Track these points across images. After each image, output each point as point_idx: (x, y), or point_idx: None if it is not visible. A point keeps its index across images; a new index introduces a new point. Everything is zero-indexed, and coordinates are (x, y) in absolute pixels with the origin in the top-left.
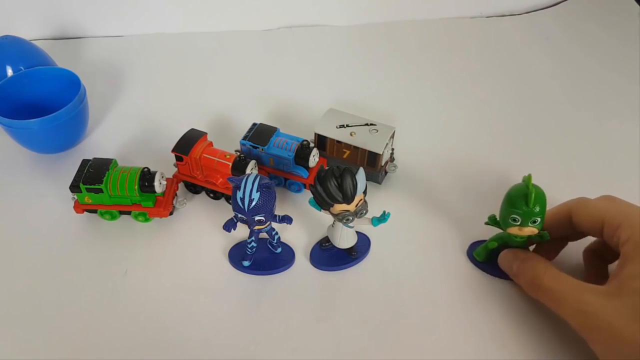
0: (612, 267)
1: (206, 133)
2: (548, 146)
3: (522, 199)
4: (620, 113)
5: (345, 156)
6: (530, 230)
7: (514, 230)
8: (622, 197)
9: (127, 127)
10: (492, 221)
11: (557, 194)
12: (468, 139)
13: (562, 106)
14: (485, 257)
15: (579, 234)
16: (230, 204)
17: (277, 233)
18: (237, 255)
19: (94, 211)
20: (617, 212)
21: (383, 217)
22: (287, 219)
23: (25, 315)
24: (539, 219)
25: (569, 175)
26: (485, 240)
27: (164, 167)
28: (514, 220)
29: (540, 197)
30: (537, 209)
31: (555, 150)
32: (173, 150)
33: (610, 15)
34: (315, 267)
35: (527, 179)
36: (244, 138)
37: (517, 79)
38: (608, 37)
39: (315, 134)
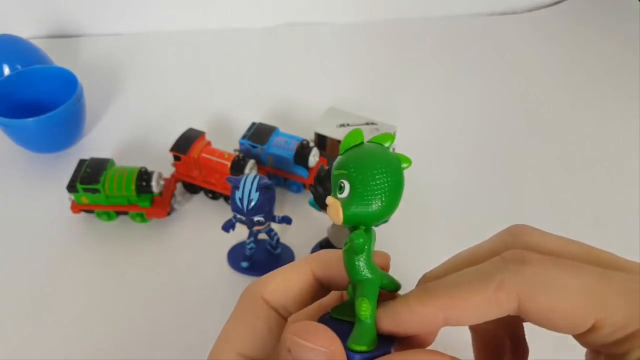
0: None
1: (204, 132)
2: (550, 145)
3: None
4: (622, 112)
5: None
6: (333, 207)
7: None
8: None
9: (124, 126)
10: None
11: (557, 197)
12: (469, 137)
13: (563, 105)
14: (347, 313)
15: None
16: (229, 204)
17: (276, 234)
18: (236, 256)
19: (91, 211)
20: (630, 312)
21: None
22: (286, 220)
23: (22, 316)
24: (344, 182)
25: (571, 176)
26: None
27: (162, 167)
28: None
29: (359, 149)
30: (344, 160)
31: (557, 150)
32: (171, 150)
33: (611, 13)
34: None
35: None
36: (243, 137)
37: (518, 78)
38: (610, 35)
39: (315, 133)
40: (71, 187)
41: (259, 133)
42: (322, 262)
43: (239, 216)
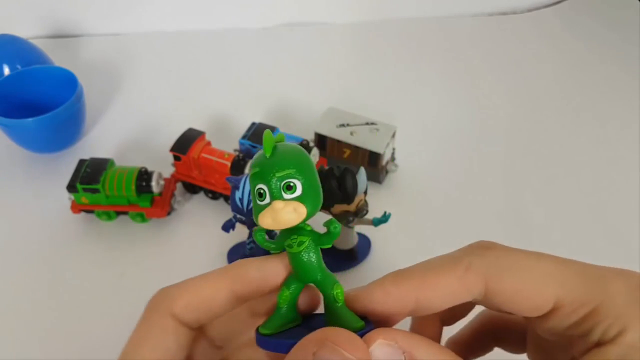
0: None
1: (204, 132)
2: (551, 146)
3: (260, 155)
4: (623, 112)
5: (345, 156)
6: (289, 208)
7: (265, 219)
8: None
9: (124, 126)
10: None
11: (556, 198)
12: (469, 138)
13: (564, 105)
14: (282, 325)
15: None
16: (229, 204)
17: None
18: (236, 256)
19: (91, 211)
20: (587, 290)
21: (384, 218)
22: None
23: (21, 316)
24: (294, 182)
25: (571, 177)
26: None
27: (162, 167)
28: (260, 195)
29: (287, 148)
30: (283, 160)
31: (557, 150)
32: (171, 150)
33: (612, 13)
34: None
35: (264, 134)
36: (243, 137)
37: (518, 78)
38: (611, 35)
39: (315, 133)
40: (71, 187)
41: (259, 133)
42: (240, 275)
43: (239, 216)
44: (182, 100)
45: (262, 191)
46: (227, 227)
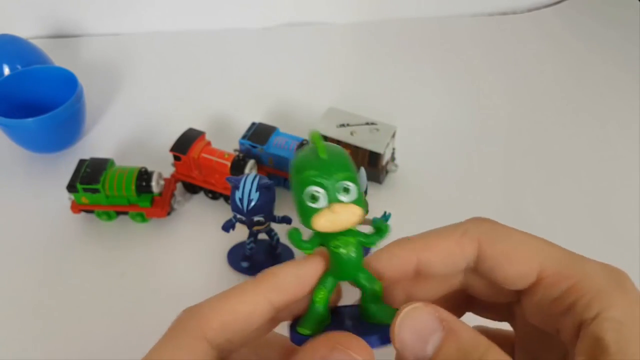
0: None
1: (204, 132)
2: (551, 146)
3: (311, 156)
4: (623, 113)
5: None
6: (348, 211)
7: (322, 222)
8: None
9: (124, 126)
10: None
11: (556, 198)
12: (469, 138)
13: (564, 105)
14: (319, 323)
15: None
16: (229, 204)
17: (276, 234)
18: (236, 256)
19: (91, 211)
20: (568, 264)
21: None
22: (286, 220)
23: (21, 316)
24: (351, 185)
25: (571, 177)
26: None
27: (162, 167)
28: (313, 198)
29: (336, 149)
30: (338, 163)
31: (557, 150)
32: (171, 150)
33: (612, 13)
34: None
35: (312, 135)
36: (243, 137)
37: (518, 78)
38: (611, 35)
39: None
40: (71, 187)
41: (259, 133)
42: (277, 285)
43: (239, 216)
44: (182, 100)
45: (317, 194)
46: (227, 227)
